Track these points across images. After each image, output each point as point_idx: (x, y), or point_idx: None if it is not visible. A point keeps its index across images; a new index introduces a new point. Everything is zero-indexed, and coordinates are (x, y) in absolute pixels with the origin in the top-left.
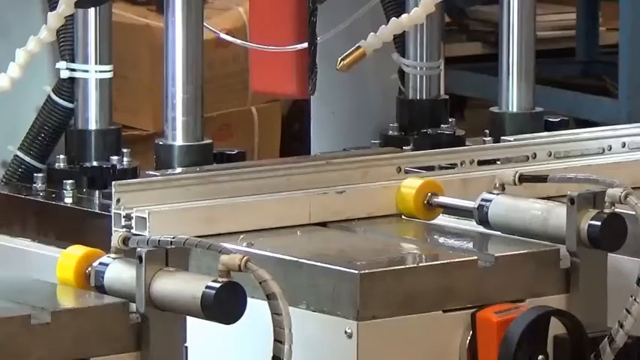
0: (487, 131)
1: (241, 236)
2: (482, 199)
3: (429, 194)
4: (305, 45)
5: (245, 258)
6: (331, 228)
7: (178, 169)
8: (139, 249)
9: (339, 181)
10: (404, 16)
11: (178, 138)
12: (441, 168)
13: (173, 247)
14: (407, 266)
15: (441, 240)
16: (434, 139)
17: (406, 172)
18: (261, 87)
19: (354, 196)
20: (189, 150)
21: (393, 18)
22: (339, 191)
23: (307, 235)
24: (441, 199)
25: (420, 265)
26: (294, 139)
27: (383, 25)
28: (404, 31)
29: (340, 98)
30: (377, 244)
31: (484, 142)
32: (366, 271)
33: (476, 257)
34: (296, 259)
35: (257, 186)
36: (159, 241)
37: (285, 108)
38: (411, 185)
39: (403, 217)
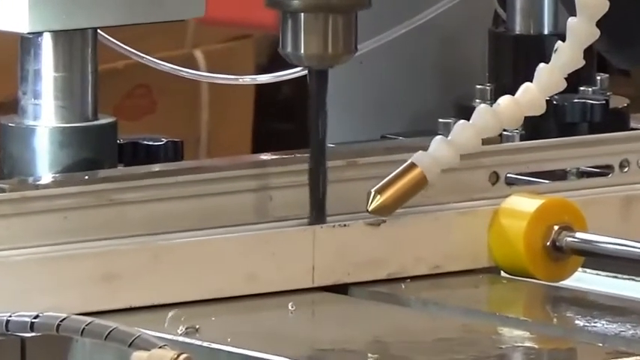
0: None
1: (171, 313)
2: None
3: (557, 227)
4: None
5: (182, 357)
6: (355, 296)
7: (47, 177)
8: None
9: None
10: (526, 87)
11: (46, 114)
12: (580, 175)
13: (35, 334)
14: None
15: (582, 321)
16: (564, 116)
17: (508, 182)
18: (218, 13)
19: (401, 230)
20: (68, 137)
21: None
22: (373, 222)
23: (308, 311)
24: (581, 237)
25: None
26: (280, 116)
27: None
28: None
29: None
30: (446, 329)
31: None
32: None
33: None
34: None
35: (206, 210)
36: (7, 322)
37: (262, 56)
38: (520, 209)
39: (502, 272)
